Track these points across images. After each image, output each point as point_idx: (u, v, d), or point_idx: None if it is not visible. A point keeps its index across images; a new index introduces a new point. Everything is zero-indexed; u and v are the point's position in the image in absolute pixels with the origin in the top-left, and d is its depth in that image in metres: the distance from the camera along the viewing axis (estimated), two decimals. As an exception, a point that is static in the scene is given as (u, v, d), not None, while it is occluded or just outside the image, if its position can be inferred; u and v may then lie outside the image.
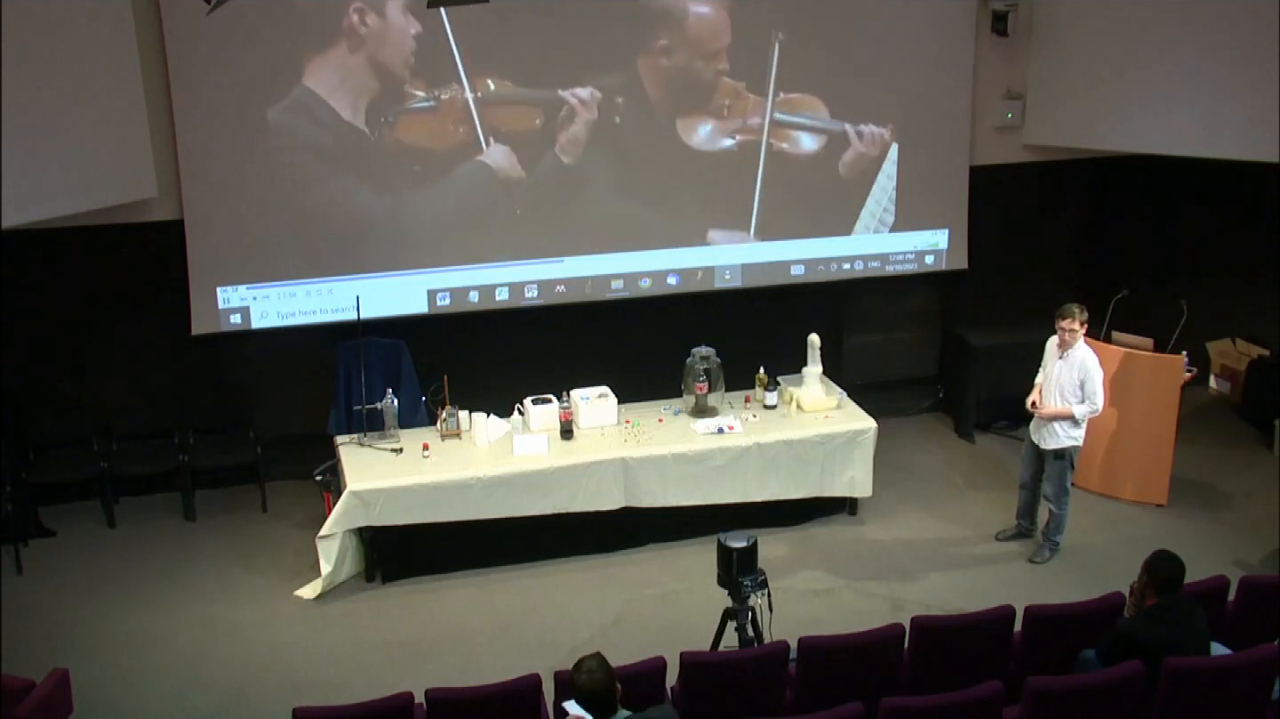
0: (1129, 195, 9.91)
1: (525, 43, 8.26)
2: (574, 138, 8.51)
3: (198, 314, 8.20)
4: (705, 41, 8.59)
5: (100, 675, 6.60)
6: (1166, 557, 5.47)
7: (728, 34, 8.62)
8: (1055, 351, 7.58)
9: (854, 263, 9.35)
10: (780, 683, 5.55)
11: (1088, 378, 7.43)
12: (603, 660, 4.63)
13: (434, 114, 8.25)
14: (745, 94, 8.77)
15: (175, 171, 7.96)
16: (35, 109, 7.01)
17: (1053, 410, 7.52)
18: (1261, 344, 9.96)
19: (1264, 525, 8.08)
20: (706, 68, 8.65)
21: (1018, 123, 9.42)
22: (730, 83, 8.71)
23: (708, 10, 8.54)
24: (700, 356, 8.17)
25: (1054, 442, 7.59)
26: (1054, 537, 7.78)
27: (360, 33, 7.97)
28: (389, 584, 7.59)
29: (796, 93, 8.88)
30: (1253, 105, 8.24)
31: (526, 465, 7.59)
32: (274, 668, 6.77)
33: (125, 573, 7.69)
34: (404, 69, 8.11)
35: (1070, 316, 7.42)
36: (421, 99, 8.21)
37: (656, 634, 6.90)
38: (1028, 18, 9.12)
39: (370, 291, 8.35)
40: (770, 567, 6.16)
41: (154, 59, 7.76)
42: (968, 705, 5.04)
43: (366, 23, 7.96)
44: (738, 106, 8.77)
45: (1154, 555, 5.50)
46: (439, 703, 5.18)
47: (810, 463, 8.01)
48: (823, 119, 8.98)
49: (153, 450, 8.41)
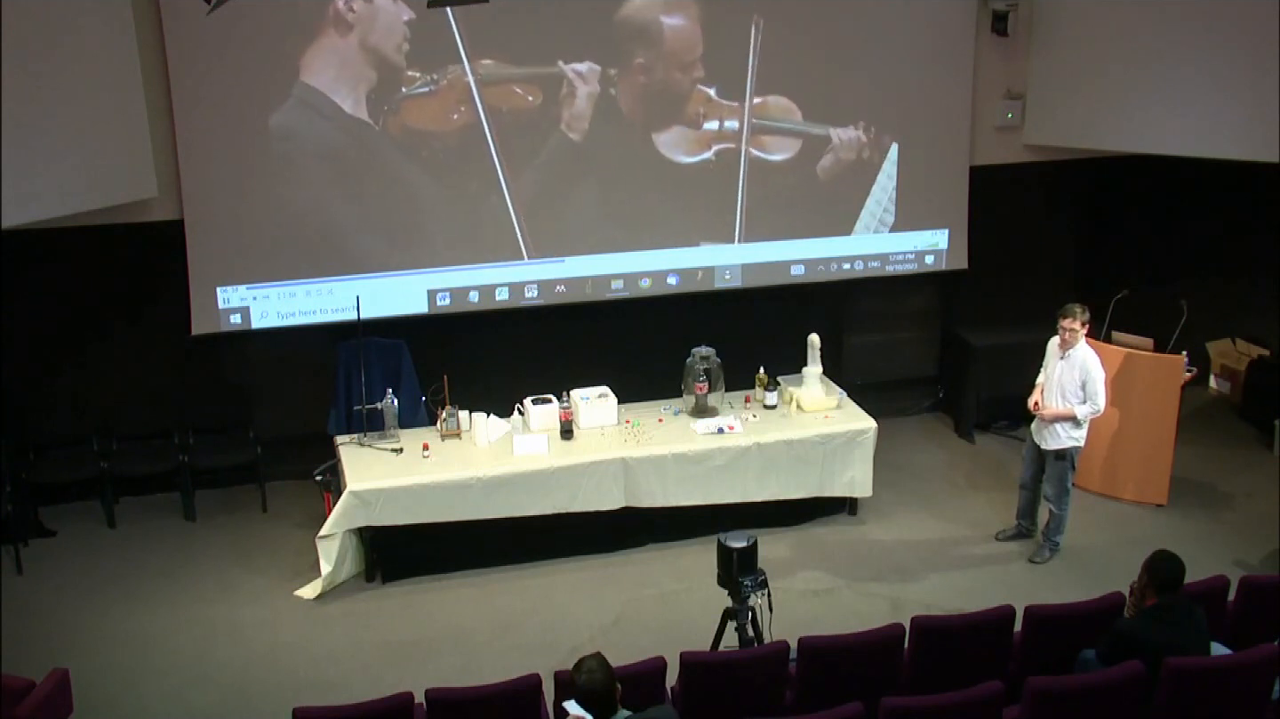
0: (1129, 195, 9.91)
1: (521, 21, 8.20)
2: (579, 113, 8.47)
3: (198, 314, 8.20)
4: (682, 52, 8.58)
5: (100, 675, 6.60)
6: (1166, 557, 5.46)
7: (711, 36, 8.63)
8: (1057, 352, 7.58)
9: (854, 263, 9.34)
10: (780, 683, 5.55)
11: (1089, 378, 7.43)
12: (603, 660, 4.63)
13: (434, 97, 8.21)
14: (737, 99, 8.76)
15: (175, 171, 7.96)
16: (35, 109, 7.01)
17: (1054, 411, 7.52)
18: (1261, 344, 9.96)
19: (1264, 525, 8.09)
20: (684, 78, 8.63)
21: (1018, 123, 9.42)
22: (710, 92, 8.71)
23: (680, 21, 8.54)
24: (700, 357, 8.17)
25: (1055, 442, 7.59)
26: (1054, 537, 7.78)
27: (348, 19, 7.93)
28: (389, 584, 7.59)
29: (796, 92, 8.89)
30: (1253, 105, 8.24)
31: (526, 465, 7.59)
32: (274, 668, 6.77)
33: (125, 573, 7.69)
34: (398, 54, 8.07)
35: (1072, 316, 7.42)
36: (420, 83, 8.18)
37: (656, 634, 6.90)
38: (1028, 18, 9.12)
39: (370, 291, 8.34)
40: (770, 567, 6.16)
41: (154, 59, 7.76)
42: (968, 705, 5.04)
43: (354, 8, 7.93)
44: (726, 110, 8.76)
45: (1154, 555, 5.50)
46: (439, 703, 5.18)
47: (810, 463, 8.01)
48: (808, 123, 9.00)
49: (153, 450, 8.41)
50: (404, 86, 8.16)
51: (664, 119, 8.68)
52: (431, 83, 8.20)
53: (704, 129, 8.76)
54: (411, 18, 8.04)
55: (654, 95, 8.61)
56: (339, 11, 7.92)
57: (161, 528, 8.24)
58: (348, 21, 7.96)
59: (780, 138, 8.94)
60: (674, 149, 8.75)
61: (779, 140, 8.95)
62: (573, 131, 8.49)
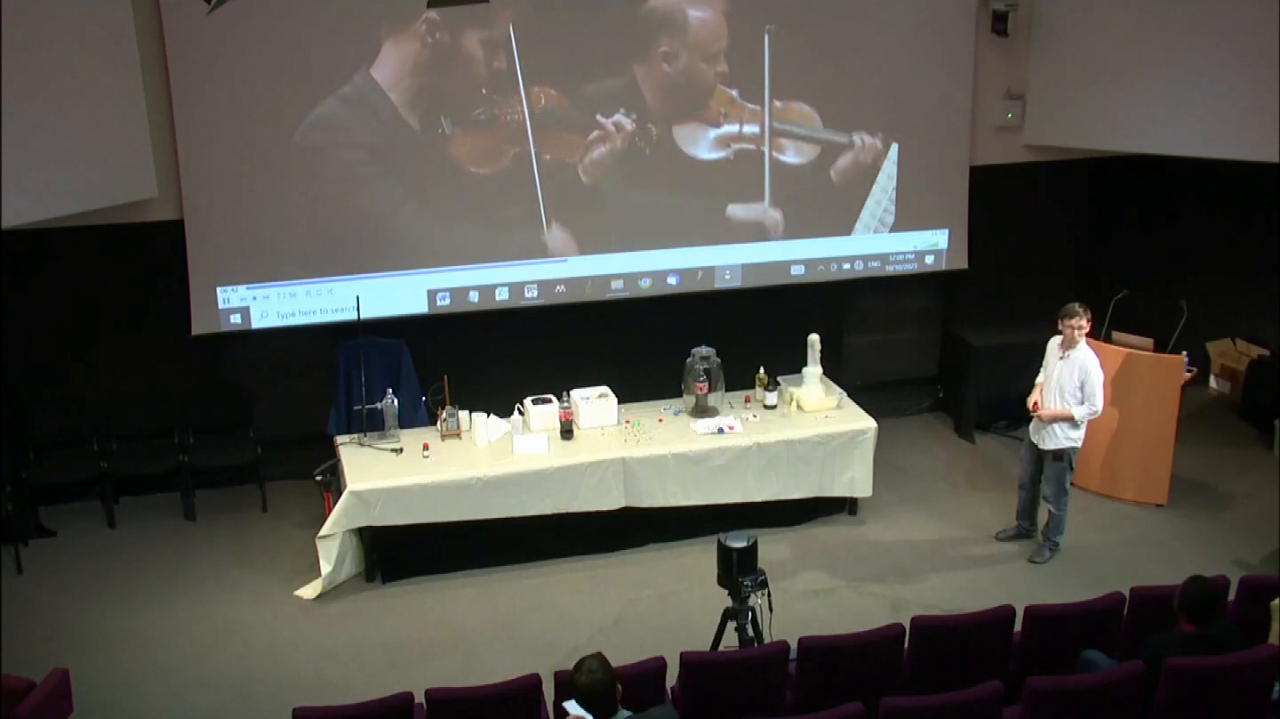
0: (1129, 195, 9.91)
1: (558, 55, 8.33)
2: (598, 162, 8.56)
3: (198, 314, 8.20)
4: (704, 45, 8.59)
5: (100, 675, 6.60)
6: (1199, 583, 5.30)
7: (724, 37, 8.61)
8: (1057, 352, 7.59)
9: (854, 263, 9.34)
10: (780, 683, 5.56)
11: (1088, 379, 7.43)
12: (604, 660, 4.62)
13: (489, 129, 8.37)
14: (740, 101, 8.77)
15: (175, 171, 7.96)
16: (35, 109, 7.01)
17: (1053, 412, 7.52)
18: (1261, 344, 9.96)
19: (1264, 525, 8.08)
20: (708, 70, 8.65)
21: (1018, 123, 9.42)
22: (724, 90, 8.72)
23: (706, 14, 8.53)
24: (700, 357, 8.17)
25: (1053, 442, 7.59)
26: (1054, 537, 7.79)
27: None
28: (389, 584, 7.58)
29: (795, 92, 8.88)
30: (1253, 105, 8.24)
31: (526, 465, 7.58)
32: (274, 668, 6.77)
33: (125, 573, 7.69)
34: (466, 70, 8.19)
35: (1076, 315, 7.42)
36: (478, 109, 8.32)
37: (656, 634, 6.90)
38: (1028, 18, 9.12)
39: (370, 291, 8.34)
40: (770, 567, 6.16)
41: (154, 59, 7.76)
42: (968, 705, 5.04)
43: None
44: (733, 112, 8.77)
45: (1188, 580, 5.33)
46: (439, 703, 5.18)
47: (810, 463, 8.00)
48: (818, 128, 8.99)
49: (153, 450, 8.40)
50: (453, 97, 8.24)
51: (685, 115, 8.70)
52: (487, 110, 8.30)
53: (723, 130, 8.77)
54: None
55: (678, 90, 8.64)
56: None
57: (161, 528, 8.24)
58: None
59: (791, 141, 8.95)
60: (694, 146, 8.76)
61: (793, 144, 8.97)
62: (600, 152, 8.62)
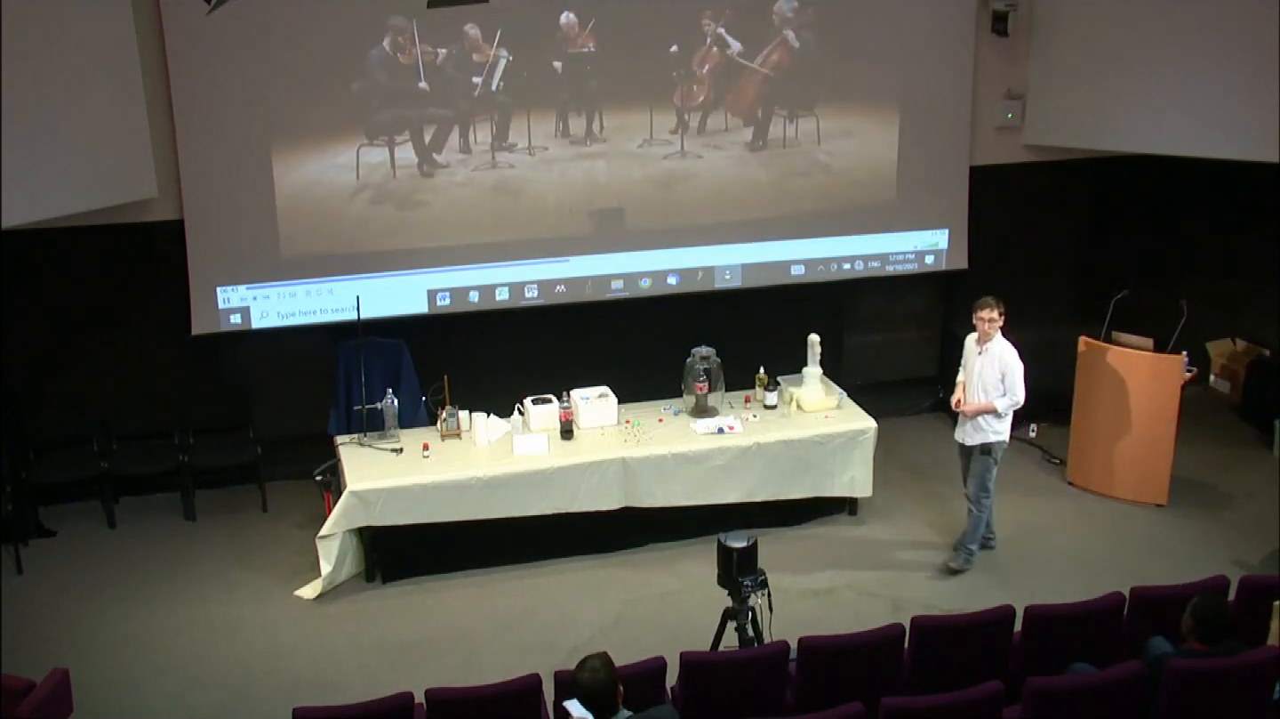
0: (1129, 195, 9.91)
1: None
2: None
3: (198, 314, 8.20)
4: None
5: (100, 675, 6.60)
6: (1213, 603, 5.28)
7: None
8: (974, 347, 7.55)
9: (854, 263, 9.34)
10: (780, 683, 5.56)
11: (1009, 371, 7.38)
12: (606, 660, 4.62)
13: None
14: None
15: (175, 171, 7.96)
16: (35, 109, 7.01)
17: (976, 406, 7.46)
18: (1261, 344, 9.96)
19: (1264, 525, 8.08)
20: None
21: (1018, 123, 9.42)
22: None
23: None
24: (700, 357, 8.17)
25: (979, 437, 7.51)
26: (969, 544, 7.62)
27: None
28: (389, 584, 7.58)
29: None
30: (1253, 105, 8.24)
31: (526, 465, 7.59)
32: (274, 668, 6.77)
33: (125, 573, 7.69)
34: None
35: (988, 308, 7.40)
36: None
37: (656, 634, 6.90)
38: (1028, 18, 9.12)
39: (370, 291, 8.34)
40: (770, 567, 6.15)
41: (154, 59, 7.76)
42: (968, 705, 5.04)
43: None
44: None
45: (1201, 598, 5.29)
46: (439, 703, 5.18)
47: (810, 463, 8.01)
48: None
49: (153, 450, 8.40)
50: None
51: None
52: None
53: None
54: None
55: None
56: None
57: (161, 528, 8.24)
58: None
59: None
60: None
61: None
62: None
